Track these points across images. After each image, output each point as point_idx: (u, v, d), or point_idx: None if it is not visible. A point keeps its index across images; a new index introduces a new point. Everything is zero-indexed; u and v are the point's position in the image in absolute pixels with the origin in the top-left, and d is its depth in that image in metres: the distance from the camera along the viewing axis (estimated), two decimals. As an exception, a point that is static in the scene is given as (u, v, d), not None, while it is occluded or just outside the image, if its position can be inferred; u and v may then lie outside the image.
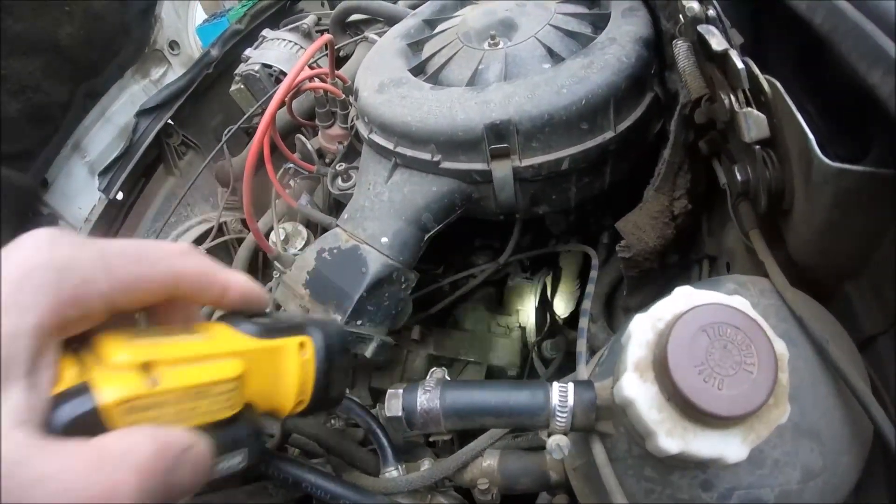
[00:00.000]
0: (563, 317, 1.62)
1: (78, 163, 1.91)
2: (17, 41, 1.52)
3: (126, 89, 1.98)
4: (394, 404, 0.68)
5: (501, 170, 0.94)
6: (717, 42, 0.54)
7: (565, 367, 1.50)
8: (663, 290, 1.09)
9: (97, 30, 1.74)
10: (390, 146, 1.03)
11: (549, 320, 1.56)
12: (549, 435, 0.61)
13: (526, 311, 1.55)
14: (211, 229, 1.75)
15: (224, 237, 1.77)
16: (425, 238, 1.05)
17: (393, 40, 1.25)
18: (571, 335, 1.53)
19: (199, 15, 2.40)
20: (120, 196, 1.76)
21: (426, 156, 0.99)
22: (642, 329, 0.50)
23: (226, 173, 1.79)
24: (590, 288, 0.96)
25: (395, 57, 1.18)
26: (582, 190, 1.02)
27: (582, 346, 0.81)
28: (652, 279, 1.02)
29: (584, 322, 0.87)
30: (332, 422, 1.15)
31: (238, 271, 0.50)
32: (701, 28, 0.57)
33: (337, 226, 1.11)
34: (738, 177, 0.65)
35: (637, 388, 0.48)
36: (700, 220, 1.02)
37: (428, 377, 0.75)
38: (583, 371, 0.68)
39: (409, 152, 1.01)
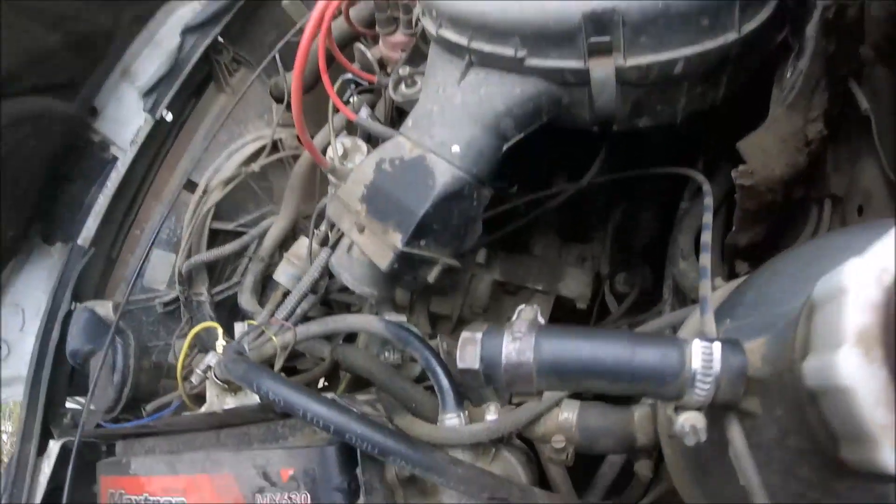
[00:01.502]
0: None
1: (128, 88, 1.86)
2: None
3: (174, 12, 1.88)
4: (469, 352, 0.52)
5: (602, 70, 0.80)
6: None
7: (641, 305, 1.39)
8: (777, 232, 0.95)
9: (138, -49, 1.65)
10: (464, 42, 0.89)
11: (624, 252, 1.44)
12: (678, 409, 0.47)
13: (601, 240, 1.43)
14: (265, 147, 1.67)
15: (279, 154, 1.69)
16: (503, 148, 0.92)
17: None
18: (648, 270, 1.41)
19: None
20: (169, 117, 1.69)
21: (508, 51, 0.85)
22: (865, 282, 0.35)
23: (280, 89, 1.69)
24: (706, 218, 0.79)
25: None
26: (692, 102, 0.88)
27: (707, 288, 0.63)
28: (765, 216, 0.87)
29: (705, 259, 0.70)
30: (387, 354, 1.06)
31: None
32: None
33: (400, 134, 0.99)
34: None
35: (860, 372, 0.34)
36: (825, 153, 0.86)
37: (516, 316, 0.56)
38: (711, 324, 0.53)
39: (486, 48, 0.87)
